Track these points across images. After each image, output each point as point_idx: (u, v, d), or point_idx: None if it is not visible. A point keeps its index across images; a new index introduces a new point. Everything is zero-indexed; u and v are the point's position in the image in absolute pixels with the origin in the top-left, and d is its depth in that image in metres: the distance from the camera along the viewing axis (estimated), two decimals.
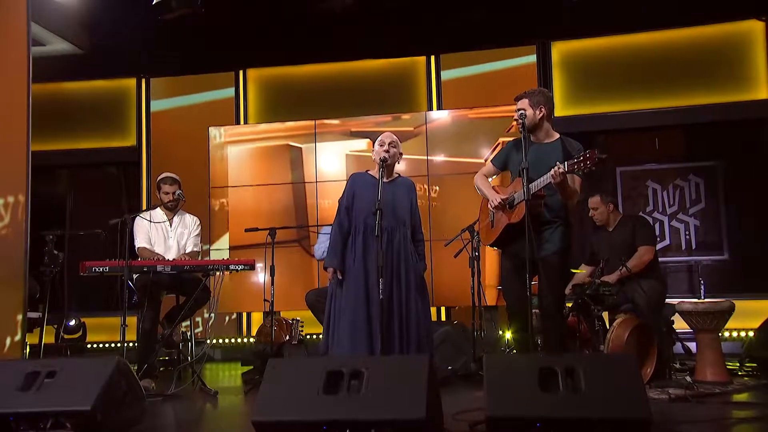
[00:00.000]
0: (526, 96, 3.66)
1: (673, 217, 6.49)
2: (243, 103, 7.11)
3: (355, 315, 3.59)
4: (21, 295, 4.15)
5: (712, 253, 6.40)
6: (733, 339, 6.00)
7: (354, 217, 3.79)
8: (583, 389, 2.54)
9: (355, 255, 3.70)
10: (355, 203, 3.81)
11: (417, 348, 3.64)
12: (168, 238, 4.84)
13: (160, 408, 3.93)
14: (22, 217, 4.32)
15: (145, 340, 4.51)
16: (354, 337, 3.57)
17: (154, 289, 4.56)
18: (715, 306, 4.32)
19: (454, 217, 5.50)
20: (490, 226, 3.80)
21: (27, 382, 3.17)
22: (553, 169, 3.32)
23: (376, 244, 3.58)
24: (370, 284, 3.63)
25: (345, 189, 3.94)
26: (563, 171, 3.31)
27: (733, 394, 3.98)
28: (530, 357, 3.08)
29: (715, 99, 6.33)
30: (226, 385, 4.96)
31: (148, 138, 7.26)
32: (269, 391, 2.67)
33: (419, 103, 6.87)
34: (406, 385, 2.57)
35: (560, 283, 3.59)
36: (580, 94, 6.67)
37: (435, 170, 6.01)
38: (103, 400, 3.07)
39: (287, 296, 5.99)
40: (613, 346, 4.11)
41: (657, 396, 3.81)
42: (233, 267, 4.51)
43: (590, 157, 3.25)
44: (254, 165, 6.39)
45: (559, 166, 3.32)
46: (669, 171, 6.55)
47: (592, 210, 4.87)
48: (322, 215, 6.10)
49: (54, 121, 7.16)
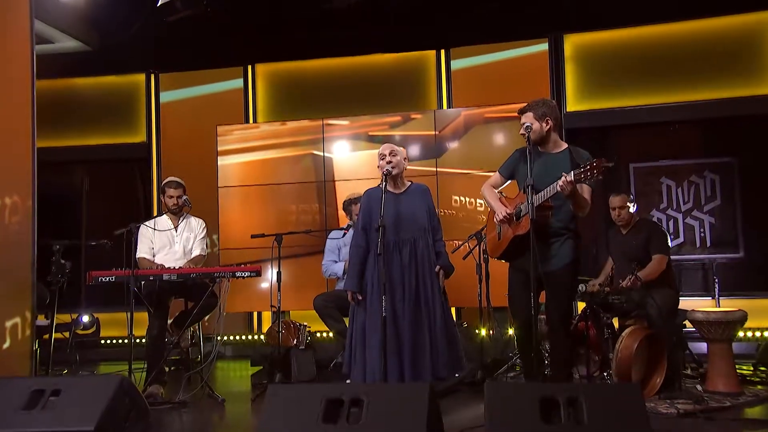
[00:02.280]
0: (530, 109, 3.58)
1: (688, 214, 6.37)
2: (252, 99, 7.05)
3: (378, 334, 3.55)
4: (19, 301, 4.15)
5: (728, 251, 6.28)
6: (748, 339, 5.90)
7: (371, 236, 3.76)
8: (585, 421, 2.50)
9: (376, 273, 3.66)
10: (372, 222, 3.77)
11: (450, 365, 3.63)
12: (174, 244, 4.83)
13: (167, 418, 3.95)
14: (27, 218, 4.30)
15: (153, 347, 4.52)
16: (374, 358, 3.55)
17: (161, 296, 4.57)
18: (727, 315, 4.24)
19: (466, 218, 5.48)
20: (497, 239, 3.74)
21: (32, 401, 3.20)
22: (561, 179, 3.25)
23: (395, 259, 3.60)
24: (395, 300, 3.62)
25: (360, 209, 3.92)
26: (570, 180, 3.24)
27: (745, 408, 3.91)
28: (532, 386, 3.04)
29: (732, 93, 6.17)
30: (235, 389, 4.98)
31: (158, 134, 7.25)
32: (269, 418, 2.66)
33: (429, 100, 6.77)
34: (406, 416, 2.55)
35: (567, 298, 3.53)
36: (593, 89, 6.54)
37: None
38: (106, 420, 3.09)
39: (296, 296, 6.00)
40: (621, 356, 4.06)
41: (665, 410, 3.77)
42: (239, 274, 4.51)
43: (597, 166, 3.18)
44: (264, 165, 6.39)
45: (566, 176, 3.25)
46: (684, 167, 6.42)
47: (618, 209, 4.76)
48: (330, 217, 6.10)
49: (63, 117, 7.20)
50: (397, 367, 3.54)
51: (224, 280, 4.49)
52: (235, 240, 6.29)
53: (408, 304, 3.61)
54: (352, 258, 3.88)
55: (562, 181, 3.23)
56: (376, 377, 3.49)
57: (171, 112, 7.22)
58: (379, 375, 3.40)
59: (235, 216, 6.39)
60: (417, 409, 2.57)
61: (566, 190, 3.23)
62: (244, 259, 6.04)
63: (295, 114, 6.76)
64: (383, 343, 3.30)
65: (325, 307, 4.94)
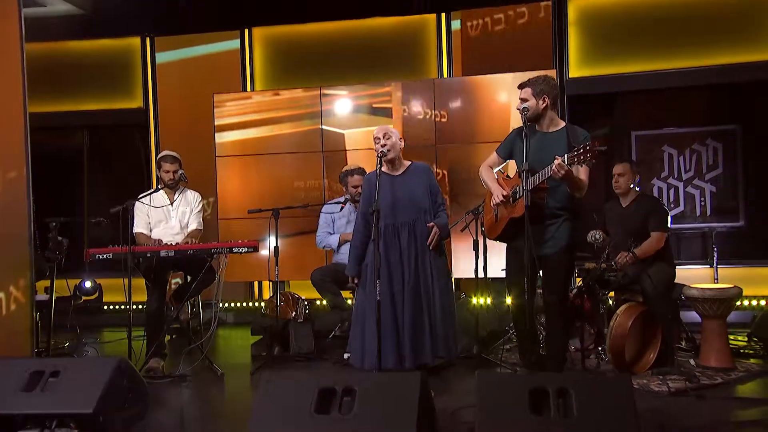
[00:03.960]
0: (529, 85, 3.52)
1: (689, 183, 6.32)
2: (249, 64, 6.94)
3: (382, 314, 3.57)
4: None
5: (728, 220, 6.25)
6: (744, 308, 5.93)
7: (370, 220, 3.73)
8: (574, 413, 2.53)
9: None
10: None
11: (445, 345, 3.64)
12: (170, 218, 4.82)
13: (166, 394, 4.02)
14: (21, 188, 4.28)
15: (152, 321, 4.57)
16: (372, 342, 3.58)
17: (159, 271, 4.59)
18: (722, 293, 4.24)
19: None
20: (494, 220, 3.73)
21: (31, 382, 3.25)
22: (554, 162, 3.22)
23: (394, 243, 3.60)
24: (393, 284, 3.61)
25: (362, 194, 3.89)
26: (562, 164, 3.20)
27: (737, 384, 3.96)
28: (523, 377, 3.07)
29: (737, 59, 6.04)
30: (235, 361, 5.03)
31: (155, 99, 7.17)
32: (263, 408, 2.70)
33: (429, 66, 6.64)
34: (397, 406, 2.59)
35: (564, 281, 3.55)
36: (596, 54, 6.41)
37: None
38: (105, 402, 3.14)
39: (296, 266, 6.04)
40: (615, 334, 4.08)
41: (657, 388, 3.82)
42: (237, 249, 4.51)
43: (590, 149, 3.15)
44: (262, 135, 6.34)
45: (558, 160, 3.21)
46: (686, 135, 6.33)
47: (618, 176, 4.72)
48: (329, 188, 6.08)
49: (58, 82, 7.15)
50: (396, 349, 3.57)
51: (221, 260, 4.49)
52: (234, 210, 6.30)
53: (407, 287, 3.61)
54: (353, 242, 3.89)
55: (555, 164, 3.19)
56: (374, 361, 3.54)
57: (167, 77, 7.12)
58: (376, 361, 3.44)
59: (234, 186, 6.38)
60: (408, 398, 2.61)
61: (558, 173, 3.20)
62: (243, 230, 6.06)
63: (293, 80, 6.67)
64: (378, 327, 3.32)
65: (322, 281, 4.97)
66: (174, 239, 4.70)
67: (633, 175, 4.72)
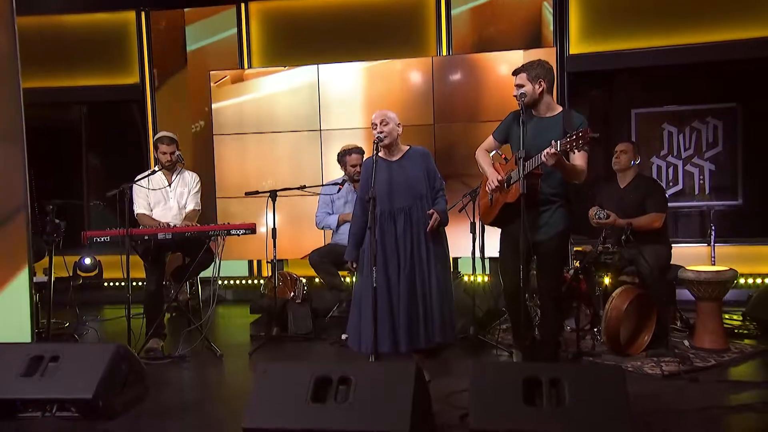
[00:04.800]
0: (524, 70, 3.48)
1: (688, 161, 6.30)
2: (246, 40, 6.85)
3: (378, 300, 3.57)
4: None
5: (726, 198, 6.25)
6: (740, 286, 5.96)
7: None
8: (566, 403, 2.56)
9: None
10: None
11: (441, 330, 3.66)
12: (169, 199, 4.82)
13: (165, 375, 4.07)
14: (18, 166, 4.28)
15: (151, 302, 4.60)
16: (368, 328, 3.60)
17: (157, 252, 4.61)
18: (717, 276, 4.26)
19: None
20: (489, 205, 3.73)
21: (31, 367, 3.29)
22: (545, 151, 3.20)
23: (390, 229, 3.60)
24: (389, 270, 3.62)
25: (360, 179, 3.89)
26: (554, 152, 3.18)
27: (730, 367, 4.00)
28: (516, 366, 3.11)
29: (739, 35, 5.97)
30: (234, 340, 5.08)
31: (151, 74, 7.11)
32: (259, 397, 2.74)
33: (428, 43, 6.56)
34: (392, 396, 2.62)
35: (557, 267, 3.56)
36: (597, 30, 6.32)
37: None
38: (104, 387, 3.19)
39: (295, 245, 6.06)
40: (611, 316, 4.11)
41: (651, 371, 3.86)
42: (234, 232, 4.53)
43: (583, 136, 3.14)
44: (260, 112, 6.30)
45: (551, 147, 3.19)
46: (686, 113, 6.29)
47: (620, 152, 4.71)
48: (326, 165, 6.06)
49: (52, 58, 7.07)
50: (391, 334, 3.59)
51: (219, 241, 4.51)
52: (232, 188, 6.30)
53: (403, 273, 3.61)
54: (352, 227, 3.89)
55: (546, 152, 3.18)
56: (369, 345, 3.57)
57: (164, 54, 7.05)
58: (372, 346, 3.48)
59: (232, 164, 6.36)
60: (404, 387, 2.64)
61: (549, 161, 3.19)
62: (241, 209, 6.07)
63: (290, 57, 6.60)
64: (374, 314, 3.34)
65: (321, 262, 5.00)
66: (172, 220, 4.71)
67: (634, 156, 4.72)
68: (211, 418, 3.33)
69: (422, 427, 2.68)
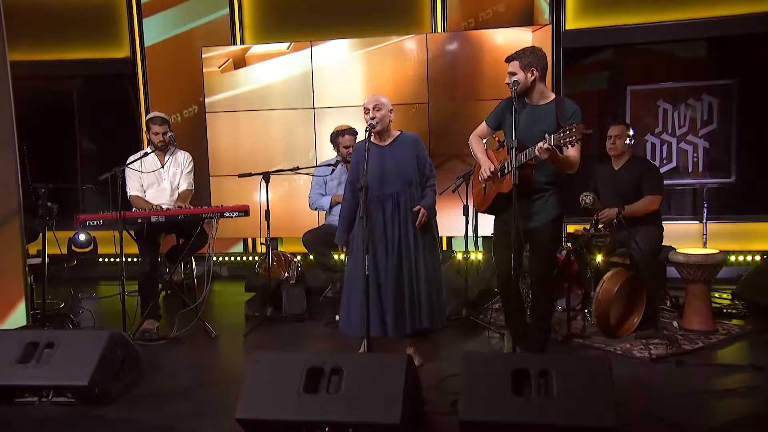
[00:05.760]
0: (517, 57, 3.45)
1: (682, 138, 6.29)
2: (239, 15, 6.75)
3: (360, 295, 3.59)
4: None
5: (719, 176, 6.26)
6: (731, 264, 6.02)
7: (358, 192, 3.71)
8: (554, 394, 2.61)
9: (360, 232, 3.64)
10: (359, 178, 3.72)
11: (429, 316, 3.69)
12: (162, 181, 4.82)
13: (160, 357, 4.11)
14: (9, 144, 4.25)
15: (145, 283, 4.63)
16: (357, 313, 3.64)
17: (151, 233, 4.61)
18: (707, 259, 4.29)
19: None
20: (483, 193, 3.73)
21: (26, 354, 3.33)
22: (538, 145, 3.19)
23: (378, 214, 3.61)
24: (377, 256, 3.64)
25: (351, 164, 3.87)
26: (547, 147, 3.18)
27: (717, 349, 4.06)
28: (506, 357, 3.15)
29: (735, 10, 5.91)
30: (229, 320, 5.11)
31: (142, 48, 7.01)
32: (252, 387, 2.78)
33: (423, 20, 6.48)
34: (384, 387, 2.66)
35: (549, 254, 3.57)
36: (593, 5, 6.26)
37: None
38: (99, 374, 3.24)
39: (288, 223, 6.08)
40: (601, 299, 4.16)
41: (639, 354, 3.92)
42: (228, 214, 4.55)
43: (576, 131, 3.13)
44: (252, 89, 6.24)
45: (544, 141, 3.19)
46: (682, 90, 6.26)
47: (614, 137, 4.70)
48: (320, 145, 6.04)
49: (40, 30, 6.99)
50: (379, 318, 3.62)
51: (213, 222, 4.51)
52: (225, 166, 6.28)
53: (391, 259, 3.63)
54: (342, 211, 3.88)
55: (539, 147, 3.17)
56: (358, 329, 3.62)
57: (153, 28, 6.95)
58: (361, 330, 3.52)
59: (225, 141, 6.33)
60: (394, 382, 2.68)
61: (543, 155, 3.18)
62: (234, 187, 6.06)
63: (283, 33, 6.51)
64: (366, 302, 3.38)
65: (314, 243, 5.02)
66: (166, 201, 4.71)
67: (629, 139, 4.70)
68: (206, 402, 3.37)
69: (413, 417, 2.72)
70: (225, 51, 6.28)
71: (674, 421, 2.95)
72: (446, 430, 2.86)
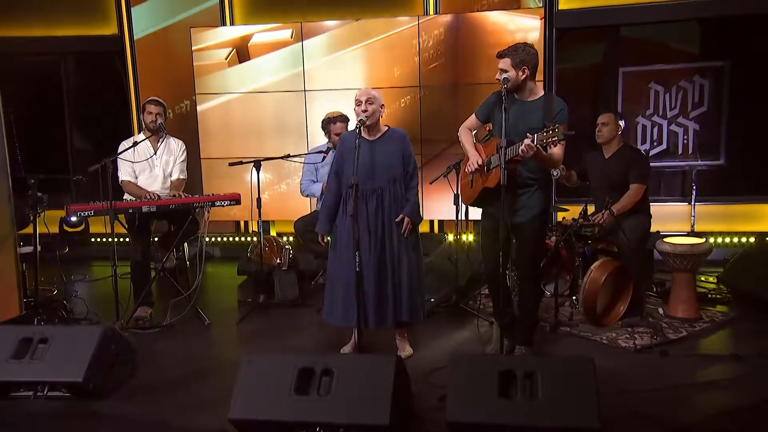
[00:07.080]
0: (508, 54, 3.44)
1: (673, 121, 6.30)
2: None
3: (348, 278, 3.64)
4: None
5: (709, 158, 6.29)
6: (719, 245, 6.10)
7: (344, 181, 3.72)
8: (539, 395, 2.68)
9: (346, 218, 3.66)
10: (344, 167, 3.72)
11: (410, 312, 3.74)
12: (154, 167, 4.81)
13: (153, 347, 4.17)
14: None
15: (138, 271, 4.66)
16: (347, 300, 3.68)
17: (142, 221, 4.63)
18: (693, 249, 4.35)
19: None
20: (469, 186, 3.76)
21: (20, 350, 3.37)
22: (522, 144, 3.21)
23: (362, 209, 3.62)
24: (360, 250, 3.65)
25: (336, 153, 3.86)
26: (531, 146, 3.20)
27: (700, 338, 4.15)
28: (492, 359, 3.21)
29: None
30: (222, 306, 5.15)
31: (129, 26, 6.92)
32: (244, 388, 2.83)
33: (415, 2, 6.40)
34: (373, 388, 2.73)
35: (536, 248, 3.62)
36: None
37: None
38: (93, 370, 3.29)
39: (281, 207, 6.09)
40: (588, 288, 4.23)
41: (625, 343, 4.00)
42: (219, 203, 4.56)
43: (558, 132, 3.16)
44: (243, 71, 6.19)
45: (526, 141, 3.20)
46: (673, 72, 6.24)
47: (602, 125, 4.70)
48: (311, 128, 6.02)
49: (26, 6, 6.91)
50: (362, 311, 3.66)
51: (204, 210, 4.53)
52: (216, 149, 6.26)
53: (373, 254, 3.64)
54: (324, 200, 3.88)
55: (524, 146, 3.19)
56: (340, 319, 3.72)
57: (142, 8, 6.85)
58: (344, 322, 3.63)
59: (216, 124, 6.30)
60: (383, 384, 2.74)
61: (528, 153, 3.20)
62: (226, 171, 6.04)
63: (273, 14, 6.43)
64: (357, 298, 3.43)
65: (306, 231, 5.04)
66: (157, 189, 4.71)
67: (617, 126, 4.70)
68: (200, 395, 3.44)
69: (402, 417, 2.80)
70: (214, 32, 6.20)
71: (657, 415, 3.03)
72: (434, 427, 2.93)
